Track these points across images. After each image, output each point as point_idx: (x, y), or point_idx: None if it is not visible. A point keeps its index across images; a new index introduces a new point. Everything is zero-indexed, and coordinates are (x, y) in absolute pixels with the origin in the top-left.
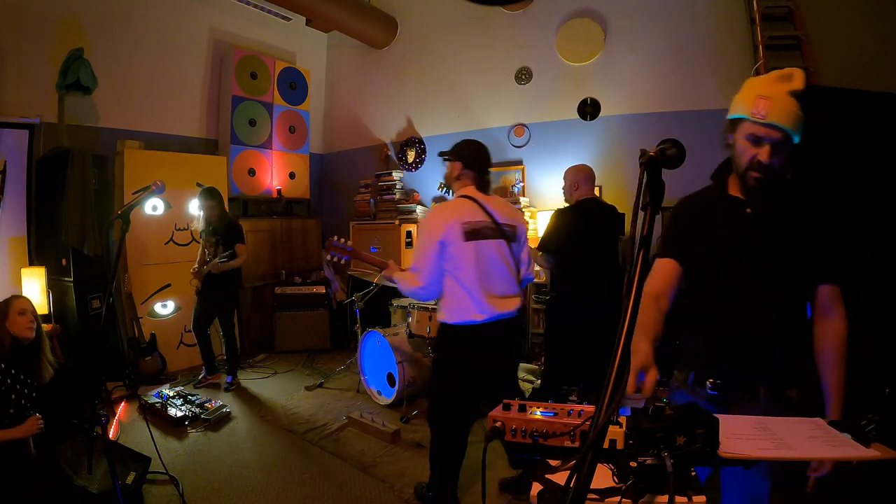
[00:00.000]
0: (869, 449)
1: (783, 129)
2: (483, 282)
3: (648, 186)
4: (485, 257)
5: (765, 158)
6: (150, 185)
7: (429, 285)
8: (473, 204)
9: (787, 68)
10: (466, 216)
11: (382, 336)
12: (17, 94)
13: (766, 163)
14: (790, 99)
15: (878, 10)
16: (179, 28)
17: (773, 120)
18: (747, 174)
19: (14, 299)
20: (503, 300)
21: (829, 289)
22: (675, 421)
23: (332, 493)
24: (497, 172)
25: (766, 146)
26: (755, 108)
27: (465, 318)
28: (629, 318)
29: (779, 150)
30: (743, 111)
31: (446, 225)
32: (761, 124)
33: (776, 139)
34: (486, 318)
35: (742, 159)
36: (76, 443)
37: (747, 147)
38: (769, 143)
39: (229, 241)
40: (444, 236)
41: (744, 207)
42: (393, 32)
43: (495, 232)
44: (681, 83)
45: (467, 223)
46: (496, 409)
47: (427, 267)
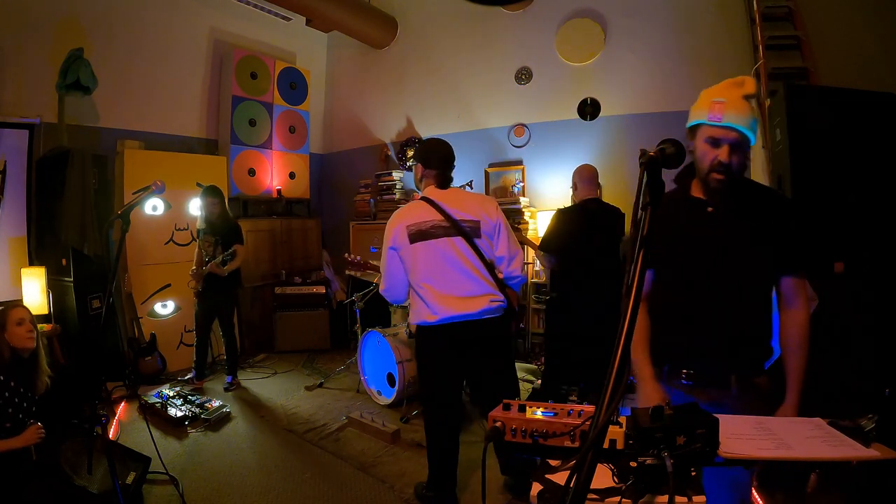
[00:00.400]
0: (869, 449)
1: (739, 129)
2: (435, 282)
3: (648, 186)
4: (436, 257)
5: (724, 158)
6: (150, 185)
7: (388, 288)
8: (425, 204)
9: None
10: (412, 218)
11: (382, 336)
12: (17, 94)
13: (727, 162)
14: (744, 102)
15: (878, 10)
16: (179, 28)
17: (728, 121)
18: (709, 176)
19: (11, 308)
20: (464, 300)
21: (792, 280)
22: (675, 421)
23: (332, 493)
24: (497, 172)
25: (724, 146)
26: (711, 111)
27: (421, 318)
28: (629, 317)
29: (736, 149)
30: (700, 117)
31: (393, 230)
32: (718, 126)
33: (733, 139)
34: (439, 320)
35: (703, 163)
36: (76, 443)
37: (707, 150)
38: (727, 144)
39: (229, 241)
40: (393, 241)
41: (705, 207)
42: (393, 32)
43: (448, 230)
44: (681, 83)
45: (412, 225)
46: (496, 409)
47: (386, 272)
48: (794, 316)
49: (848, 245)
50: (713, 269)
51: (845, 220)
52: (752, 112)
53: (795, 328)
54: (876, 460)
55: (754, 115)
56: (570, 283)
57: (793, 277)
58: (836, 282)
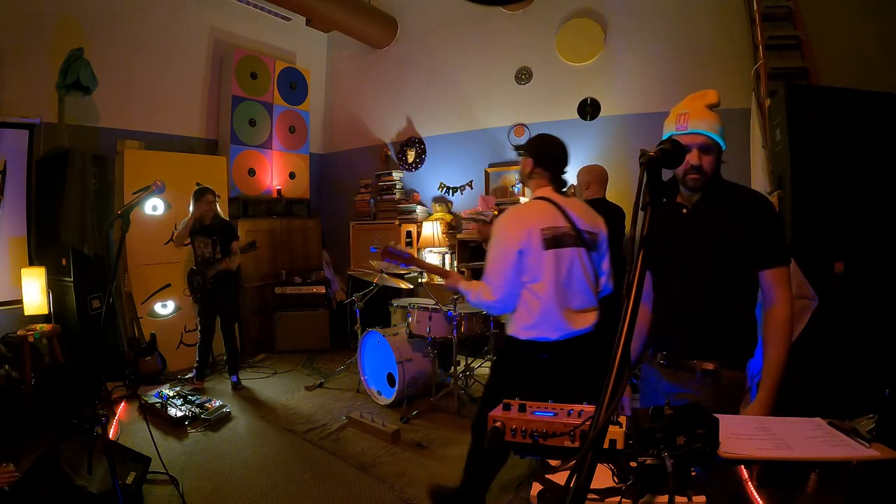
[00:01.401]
0: (869, 449)
1: (704, 134)
2: (561, 295)
3: (648, 186)
4: (565, 268)
5: (694, 161)
6: (150, 185)
7: (503, 298)
8: (552, 207)
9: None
10: (546, 221)
11: (382, 336)
12: (17, 94)
13: (697, 164)
14: (706, 111)
15: (878, 10)
16: (179, 28)
17: (693, 128)
18: (686, 178)
19: None
20: (580, 315)
21: (769, 274)
22: (675, 421)
23: (332, 493)
24: (497, 172)
25: (693, 151)
26: (678, 123)
27: (539, 334)
28: (629, 317)
29: (706, 152)
30: (670, 129)
31: (525, 231)
32: (685, 133)
33: (700, 143)
34: (560, 336)
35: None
36: (76, 443)
37: None
38: (695, 148)
39: (227, 239)
40: (524, 244)
41: (681, 208)
42: (393, 32)
43: (575, 239)
44: (681, 83)
45: (547, 229)
46: (496, 409)
47: (502, 279)
48: (771, 312)
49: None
50: (688, 267)
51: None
52: (716, 119)
53: (772, 324)
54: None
55: (720, 123)
56: None
57: (769, 270)
58: (836, 282)
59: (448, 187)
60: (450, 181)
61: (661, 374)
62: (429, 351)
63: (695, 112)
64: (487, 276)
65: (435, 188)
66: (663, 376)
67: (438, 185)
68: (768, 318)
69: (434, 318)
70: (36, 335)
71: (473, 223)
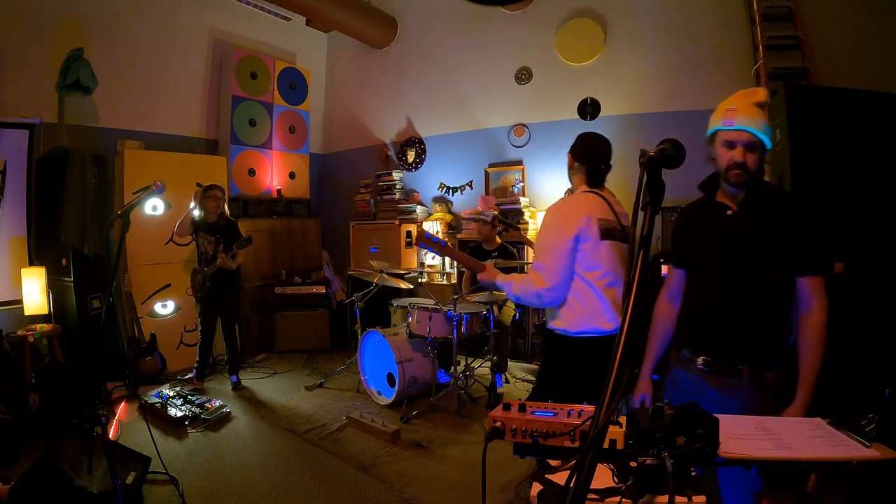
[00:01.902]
0: (869, 449)
1: (751, 131)
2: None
3: (648, 186)
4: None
5: (739, 157)
6: (150, 185)
7: (556, 286)
8: (602, 200)
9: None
10: (600, 212)
11: (382, 336)
12: (17, 94)
13: (741, 160)
14: (755, 108)
15: (878, 10)
16: (179, 28)
17: (740, 124)
18: (728, 173)
19: None
20: None
21: (807, 281)
22: (675, 421)
23: (332, 493)
24: (497, 172)
25: (738, 147)
26: (725, 118)
27: (593, 326)
28: (629, 317)
29: (750, 150)
30: (716, 124)
31: (583, 218)
32: (731, 129)
33: (746, 140)
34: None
35: (722, 163)
36: (76, 443)
37: (724, 152)
38: (741, 145)
39: (231, 238)
40: (581, 231)
41: (726, 210)
42: (393, 32)
43: (622, 234)
44: (681, 83)
45: (602, 220)
46: (496, 409)
47: (556, 265)
48: (808, 317)
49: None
50: (732, 268)
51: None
52: (763, 118)
53: (809, 329)
54: (876, 460)
55: (766, 122)
56: None
57: (807, 278)
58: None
59: (448, 187)
60: (450, 181)
61: (703, 380)
62: (429, 351)
63: (743, 108)
64: (538, 263)
65: (435, 188)
66: (707, 382)
67: (438, 185)
68: (806, 323)
69: (434, 318)
70: (36, 335)
71: (473, 223)
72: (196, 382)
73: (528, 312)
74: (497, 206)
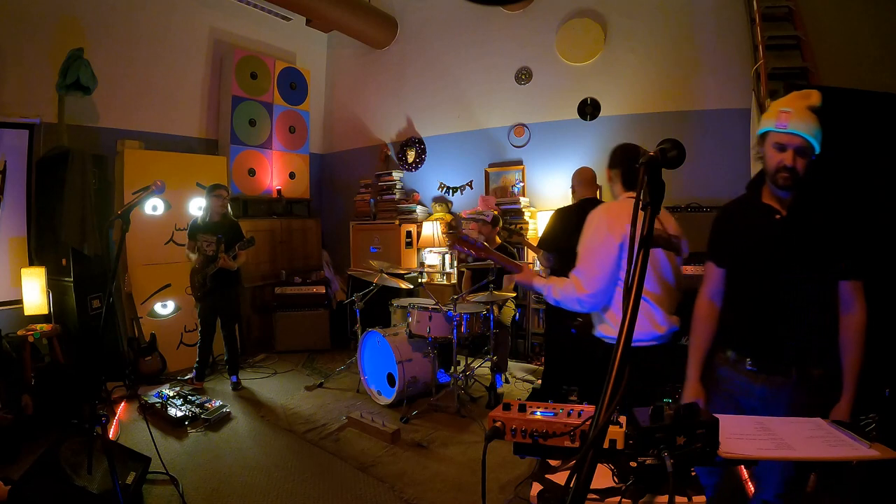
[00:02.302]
0: (869, 449)
1: (802, 136)
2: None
3: (648, 186)
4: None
5: (789, 161)
6: (150, 185)
7: (597, 293)
8: None
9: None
10: None
11: (382, 336)
12: (17, 94)
13: (790, 165)
14: (808, 112)
15: (878, 10)
16: (179, 28)
17: (793, 128)
18: (777, 176)
19: None
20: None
21: (849, 285)
22: (675, 421)
23: (332, 493)
24: (497, 172)
25: (789, 151)
26: (778, 120)
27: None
28: (629, 318)
29: (801, 155)
30: (768, 125)
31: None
32: (784, 132)
33: (797, 145)
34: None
35: (771, 165)
36: (76, 443)
37: (774, 154)
38: (791, 149)
39: (233, 239)
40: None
41: (774, 214)
42: (393, 32)
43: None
44: (681, 83)
45: None
46: (496, 409)
47: (599, 272)
48: (850, 319)
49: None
50: (780, 272)
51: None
52: (816, 122)
53: (852, 331)
54: (876, 460)
55: (818, 126)
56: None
57: (850, 282)
58: None
59: (448, 187)
60: (450, 181)
61: (751, 379)
62: (429, 351)
63: (797, 112)
64: (580, 269)
65: (435, 188)
66: (755, 382)
67: (438, 185)
68: (848, 324)
69: (434, 318)
70: (36, 335)
71: (473, 223)
72: (196, 382)
73: (528, 313)
74: (497, 206)
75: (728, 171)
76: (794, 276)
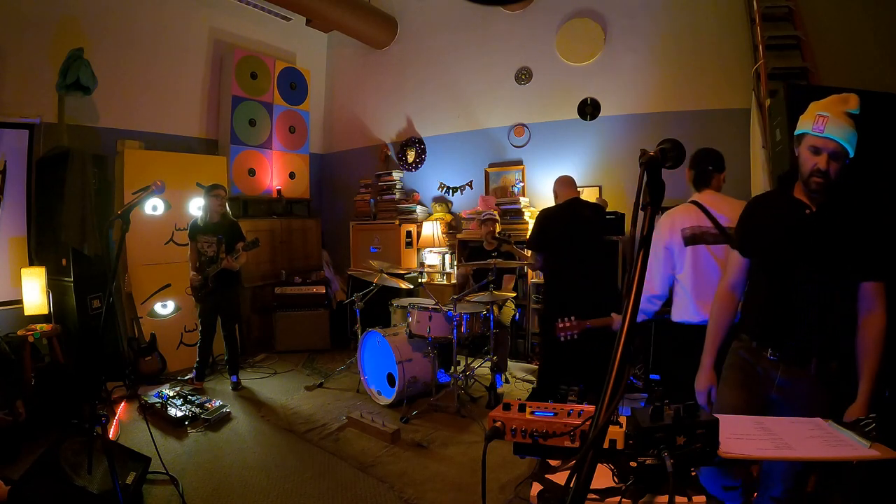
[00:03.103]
0: (869, 449)
1: (838, 141)
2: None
3: (648, 186)
4: (701, 262)
5: (823, 166)
6: (150, 185)
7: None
8: (696, 208)
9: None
10: (687, 222)
11: (382, 336)
12: (17, 94)
13: (824, 169)
14: (845, 117)
15: (878, 10)
16: (179, 28)
17: (829, 133)
18: (810, 179)
19: None
20: None
21: (871, 286)
22: (675, 421)
23: (332, 493)
24: (497, 172)
25: (823, 155)
26: (815, 123)
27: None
28: (629, 318)
29: (835, 159)
30: (806, 127)
31: (668, 231)
32: (820, 136)
33: (832, 149)
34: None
35: (805, 167)
36: (76, 443)
37: (809, 157)
38: (826, 153)
39: (233, 239)
40: (667, 242)
41: (804, 209)
42: (393, 32)
43: (717, 237)
44: (681, 83)
45: (687, 228)
46: (496, 409)
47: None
48: (870, 319)
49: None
50: (806, 267)
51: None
52: (851, 127)
53: (871, 331)
54: (876, 460)
55: (854, 130)
56: (563, 280)
57: (872, 282)
58: None
59: (448, 187)
60: (450, 181)
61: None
62: (429, 351)
63: (835, 116)
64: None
65: (435, 188)
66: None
67: (438, 185)
68: (867, 325)
69: (434, 318)
70: (36, 335)
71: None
72: (196, 382)
73: (528, 313)
74: (497, 206)
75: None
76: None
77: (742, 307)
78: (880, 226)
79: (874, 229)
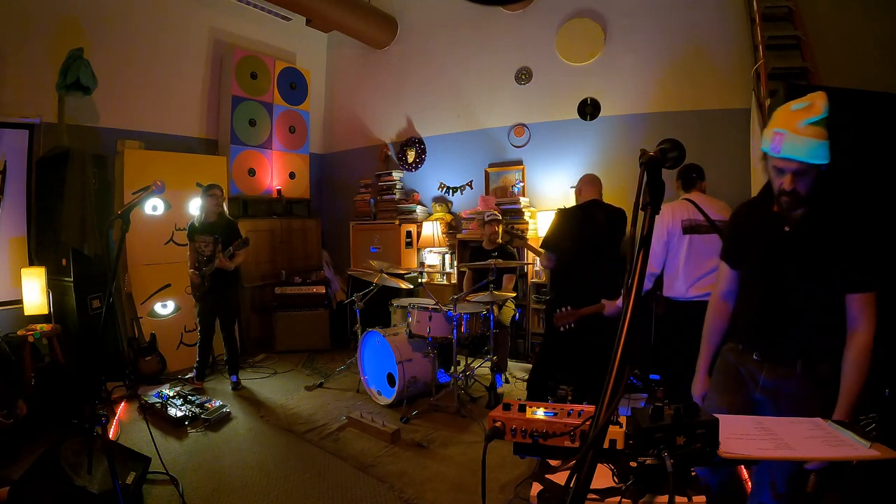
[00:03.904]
0: (869, 449)
1: (798, 160)
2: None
3: (648, 186)
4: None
5: (787, 186)
6: (150, 185)
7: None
8: (691, 205)
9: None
10: (685, 214)
11: (382, 336)
12: (17, 94)
13: (789, 189)
14: (806, 129)
15: (878, 10)
16: (179, 28)
17: (787, 153)
18: (779, 199)
19: None
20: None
21: (856, 298)
22: (675, 421)
23: (332, 493)
24: (497, 172)
25: (787, 175)
26: (772, 143)
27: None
28: (629, 318)
29: (800, 176)
30: (765, 146)
31: (671, 219)
32: (778, 157)
33: (794, 168)
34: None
35: (774, 186)
36: (76, 443)
37: (774, 176)
38: (789, 173)
39: (230, 238)
40: (669, 229)
41: (783, 225)
42: (393, 32)
43: (709, 228)
44: (681, 83)
45: (686, 220)
46: (496, 409)
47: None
48: (853, 336)
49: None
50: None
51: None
52: (815, 137)
53: (853, 349)
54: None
55: (820, 138)
56: (571, 281)
57: (856, 295)
58: None
59: (448, 187)
60: (450, 181)
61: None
62: (429, 351)
63: (791, 133)
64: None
65: (435, 188)
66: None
67: (438, 185)
68: (851, 342)
69: (434, 318)
70: (36, 335)
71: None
72: (196, 382)
73: (528, 312)
74: (497, 206)
75: (728, 171)
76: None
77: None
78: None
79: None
